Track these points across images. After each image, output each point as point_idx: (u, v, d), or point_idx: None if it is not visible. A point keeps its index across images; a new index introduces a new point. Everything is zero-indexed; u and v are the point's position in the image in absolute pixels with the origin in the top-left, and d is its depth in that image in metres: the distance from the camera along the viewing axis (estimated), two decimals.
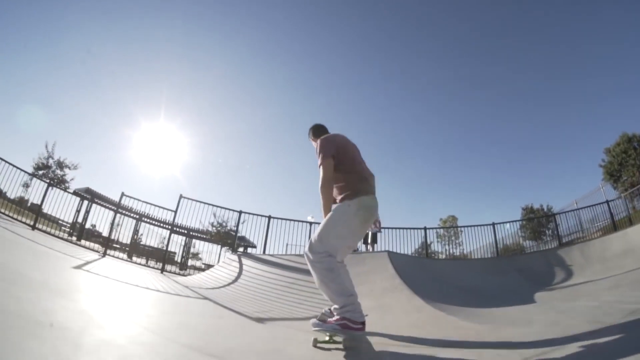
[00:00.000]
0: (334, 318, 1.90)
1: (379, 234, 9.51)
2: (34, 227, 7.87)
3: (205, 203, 8.99)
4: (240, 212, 9.43)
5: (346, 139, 2.36)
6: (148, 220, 9.98)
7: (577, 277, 6.44)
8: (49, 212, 9.35)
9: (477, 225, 10.15)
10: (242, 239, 13.19)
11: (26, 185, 13.17)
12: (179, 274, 8.08)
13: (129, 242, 14.32)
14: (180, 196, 8.89)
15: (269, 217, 9.47)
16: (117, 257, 8.59)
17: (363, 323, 1.86)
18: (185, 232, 10.64)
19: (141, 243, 16.00)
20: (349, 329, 1.82)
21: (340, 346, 1.89)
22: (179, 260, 16.99)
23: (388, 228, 10.26)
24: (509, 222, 10.99)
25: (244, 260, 6.72)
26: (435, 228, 18.82)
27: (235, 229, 12.08)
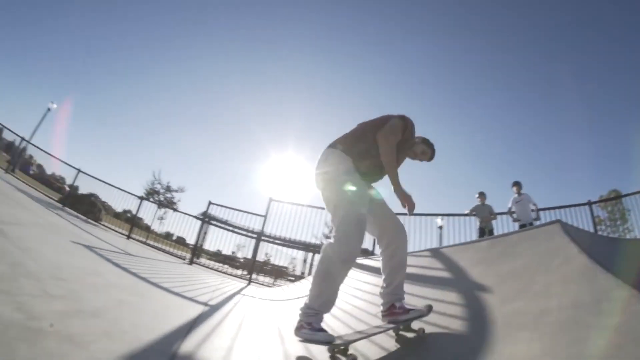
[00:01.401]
0: None
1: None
2: (128, 237, 9.14)
3: (294, 204, 8.02)
4: None
5: None
6: (241, 231, 9.67)
7: None
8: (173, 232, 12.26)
9: None
10: (364, 251, 11.56)
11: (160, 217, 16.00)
12: (265, 285, 7.23)
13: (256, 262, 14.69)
14: (270, 199, 8.21)
15: None
16: (217, 270, 8.44)
17: None
18: (279, 241, 9.93)
19: (269, 263, 16.49)
20: None
21: None
22: (300, 274, 16.86)
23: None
24: None
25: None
26: (609, 200, 13.58)
27: None
